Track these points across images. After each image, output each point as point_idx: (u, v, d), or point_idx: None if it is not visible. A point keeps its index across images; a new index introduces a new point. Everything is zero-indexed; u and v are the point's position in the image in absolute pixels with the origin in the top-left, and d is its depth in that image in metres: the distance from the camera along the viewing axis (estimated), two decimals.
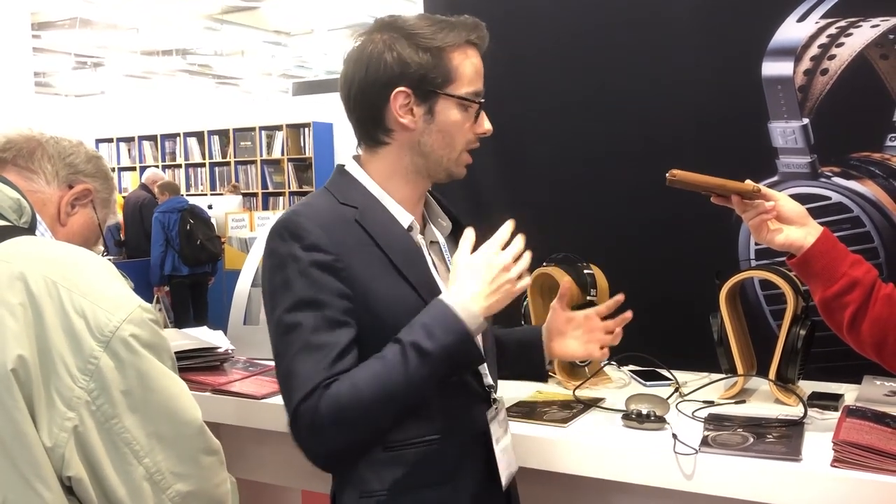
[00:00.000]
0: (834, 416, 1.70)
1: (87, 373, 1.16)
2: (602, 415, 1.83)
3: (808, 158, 2.25)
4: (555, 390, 2.03)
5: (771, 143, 2.29)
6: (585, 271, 2.09)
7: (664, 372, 2.10)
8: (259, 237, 2.64)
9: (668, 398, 1.83)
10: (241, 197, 10.11)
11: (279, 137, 10.90)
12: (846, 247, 1.55)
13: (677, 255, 2.41)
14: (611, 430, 1.71)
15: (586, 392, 1.99)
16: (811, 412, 1.73)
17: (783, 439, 1.57)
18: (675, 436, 1.58)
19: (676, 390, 1.96)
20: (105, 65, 13.24)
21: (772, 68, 2.27)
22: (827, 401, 1.80)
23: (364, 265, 1.34)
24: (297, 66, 14.14)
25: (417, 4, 2.88)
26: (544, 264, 2.14)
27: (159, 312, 7.28)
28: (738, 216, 1.61)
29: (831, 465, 1.45)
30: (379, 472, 1.36)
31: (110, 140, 12.13)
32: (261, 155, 10.99)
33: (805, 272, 1.56)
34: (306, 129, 10.68)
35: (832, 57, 2.20)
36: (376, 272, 1.35)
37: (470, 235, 1.37)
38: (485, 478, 1.44)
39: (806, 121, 2.25)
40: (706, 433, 1.63)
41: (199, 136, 11.53)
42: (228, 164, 11.28)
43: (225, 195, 9.91)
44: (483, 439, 1.43)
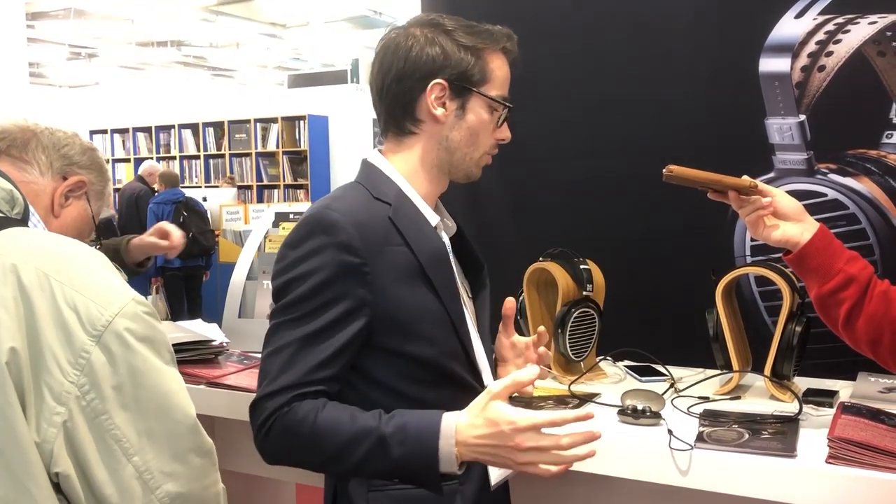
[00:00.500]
0: (829, 413, 1.70)
1: (79, 367, 1.14)
2: (597, 410, 1.82)
3: (805, 155, 2.26)
4: (550, 385, 2.03)
5: (767, 140, 2.29)
6: (582, 266, 2.09)
7: (659, 367, 2.10)
8: (254, 230, 2.62)
9: (664, 394, 1.83)
10: (237, 189, 10.09)
11: (274, 130, 10.86)
12: (842, 243, 1.55)
13: (673, 251, 2.41)
14: (606, 426, 1.71)
15: (582, 387, 1.99)
16: (806, 409, 1.73)
17: (778, 435, 1.58)
18: (671, 431, 1.58)
19: (671, 386, 1.96)
20: (99, 56, 13.22)
21: (769, 65, 2.27)
22: (822, 397, 1.80)
23: (390, 268, 1.34)
24: (293, 59, 14.13)
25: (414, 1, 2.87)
26: (540, 259, 2.14)
27: (160, 302, 7.28)
28: (734, 212, 1.61)
29: (826, 462, 1.45)
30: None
31: (104, 131, 12.07)
32: (256, 147, 10.95)
33: (801, 268, 1.56)
34: (301, 122, 10.63)
35: (829, 54, 2.20)
36: (401, 276, 1.35)
37: (520, 379, 1.26)
38: (480, 476, 1.45)
39: (803, 117, 2.25)
40: (701, 429, 1.63)
41: (194, 128, 11.49)
42: (223, 157, 11.25)
43: (220, 187, 9.88)
44: None
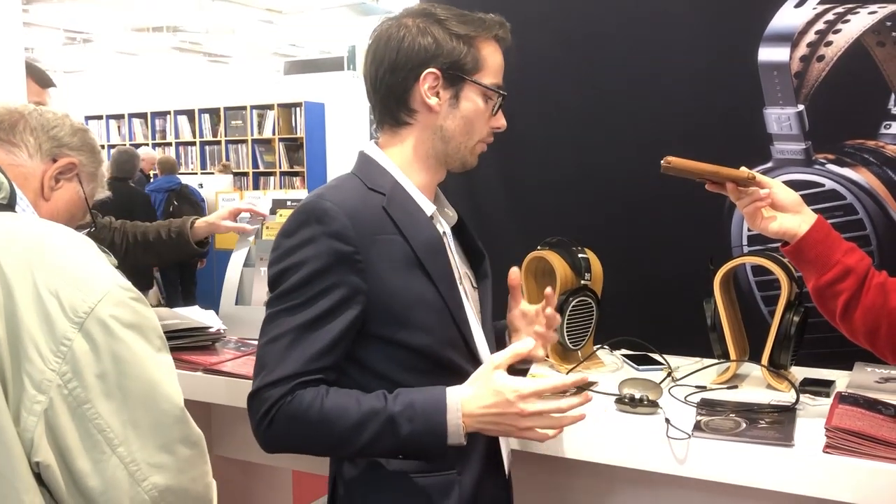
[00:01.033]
0: (825, 403, 1.71)
1: (60, 355, 1.09)
2: (595, 398, 1.82)
3: (803, 145, 2.26)
4: (548, 373, 2.03)
5: (765, 130, 2.29)
6: (580, 255, 2.09)
7: (657, 357, 2.11)
8: (250, 217, 2.60)
9: (661, 383, 1.84)
10: (232, 176, 10.05)
11: (270, 117, 10.81)
12: (840, 235, 1.55)
13: (670, 241, 2.41)
14: (604, 414, 1.71)
15: (579, 375, 1.99)
16: (803, 398, 1.74)
17: (775, 425, 1.58)
18: (668, 420, 1.59)
19: (669, 375, 1.96)
20: (95, 41, 13.13)
21: (768, 54, 2.26)
22: (819, 387, 1.81)
23: (384, 257, 1.34)
24: (290, 45, 14.06)
25: None
26: (538, 248, 2.13)
27: (155, 286, 7.28)
28: (731, 203, 1.60)
29: (823, 451, 1.46)
30: (388, 459, 1.37)
31: (100, 117, 12.01)
32: (252, 134, 10.91)
33: (799, 260, 1.56)
34: (298, 109, 10.58)
35: (829, 43, 2.19)
36: (396, 265, 1.35)
37: (519, 350, 1.34)
38: (487, 462, 1.46)
39: (801, 107, 2.25)
40: (699, 418, 1.64)
41: (190, 115, 11.44)
42: (219, 143, 11.21)
43: (215, 174, 9.86)
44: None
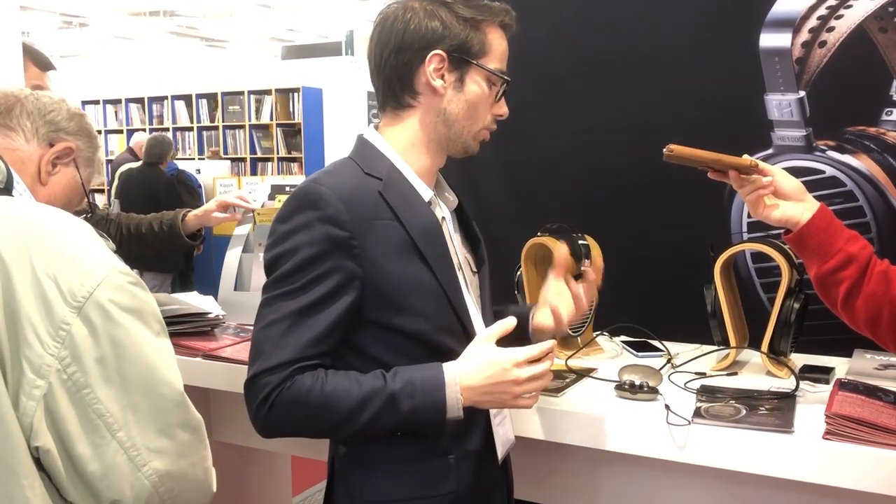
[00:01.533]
0: (825, 389, 1.71)
1: (59, 339, 1.10)
2: (595, 385, 1.83)
3: (804, 132, 2.25)
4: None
5: (766, 116, 2.28)
6: (580, 242, 2.08)
7: (656, 343, 2.11)
8: (250, 202, 2.60)
9: (661, 369, 1.84)
10: (230, 162, 10.02)
11: (268, 102, 10.77)
12: (842, 223, 1.55)
13: (670, 228, 2.41)
14: (604, 401, 1.71)
15: (579, 362, 2.00)
16: (803, 385, 1.74)
17: (775, 411, 1.58)
18: (668, 407, 1.59)
19: (668, 361, 1.96)
20: (91, 25, 13.07)
21: (770, 40, 2.25)
22: (818, 374, 1.81)
23: (380, 242, 1.33)
24: (287, 30, 14.00)
25: None
26: (539, 234, 2.13)
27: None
28: (731, 190, 1.60)
29: (823, 438, 1.46)
30: (388, 447, 1.38)
31: (97, 102, 11.95)
32: (249, 120, 10.86)
33: (801, 247, 1.56)
34: (296, 95, 10.53)
35: (831, 29, 2.18)
36: (392, 250, 1.34)
37: (507, 325, 1.37)
38: (482, 450, 1.45)
39: (802, 94, 2.24)
40: (699, 404, 1.64)
41: (188, 100, 11.39)
42: (216, 129, 11.17)
43: (206, 160, 9.84)
44: (482, 413, 1.44)
